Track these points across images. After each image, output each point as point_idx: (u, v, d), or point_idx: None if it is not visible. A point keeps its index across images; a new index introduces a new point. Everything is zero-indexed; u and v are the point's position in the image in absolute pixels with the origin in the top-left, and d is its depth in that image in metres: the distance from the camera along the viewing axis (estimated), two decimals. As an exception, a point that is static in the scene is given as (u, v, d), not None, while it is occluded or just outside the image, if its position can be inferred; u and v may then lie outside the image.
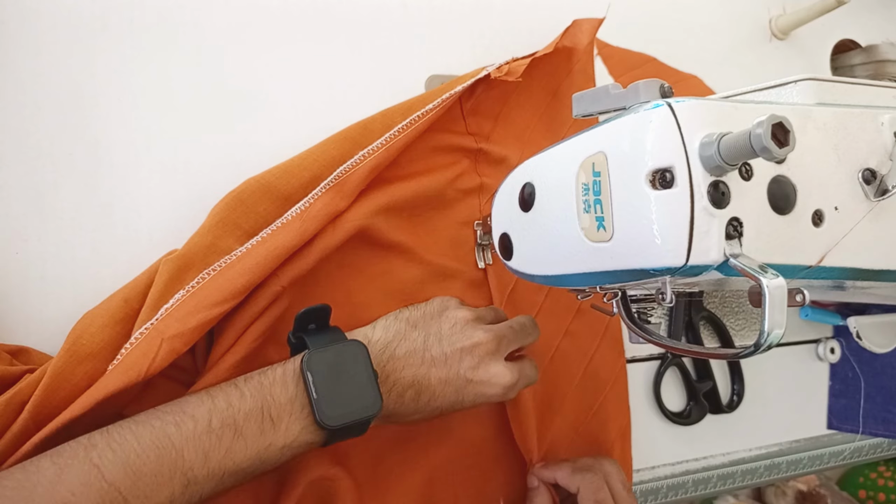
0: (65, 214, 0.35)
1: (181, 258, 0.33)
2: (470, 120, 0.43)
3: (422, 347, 0.34)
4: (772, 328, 0.22)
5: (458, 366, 0.35)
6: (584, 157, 0.28)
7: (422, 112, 0.39)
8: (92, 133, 0.36)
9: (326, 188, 0.36)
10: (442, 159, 0.42)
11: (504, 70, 0.42)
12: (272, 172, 0.36)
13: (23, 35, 0.35)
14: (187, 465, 0.27)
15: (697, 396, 0.50)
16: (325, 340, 0.32)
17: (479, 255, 0.43)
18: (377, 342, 0.34)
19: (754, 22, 0.59)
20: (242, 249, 0.34)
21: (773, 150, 0.21)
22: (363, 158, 0.37)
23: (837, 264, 0.27)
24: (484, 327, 0.36)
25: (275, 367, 0.31)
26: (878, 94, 0.31)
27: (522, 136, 0.45)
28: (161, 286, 0.33)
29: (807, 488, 0.85)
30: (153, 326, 0.32)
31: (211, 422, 0.28)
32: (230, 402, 0.29)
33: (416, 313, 0.36)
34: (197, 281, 0.33)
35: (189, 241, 0.34)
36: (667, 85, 0.27)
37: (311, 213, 0.36)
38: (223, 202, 0.35)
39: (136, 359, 0.30)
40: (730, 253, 0.24)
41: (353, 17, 0.43)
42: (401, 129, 0.38)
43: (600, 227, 0.27)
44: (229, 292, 0.33)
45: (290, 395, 0.30)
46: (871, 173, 0.28)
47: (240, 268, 0.33)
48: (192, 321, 0.32)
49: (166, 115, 0.38)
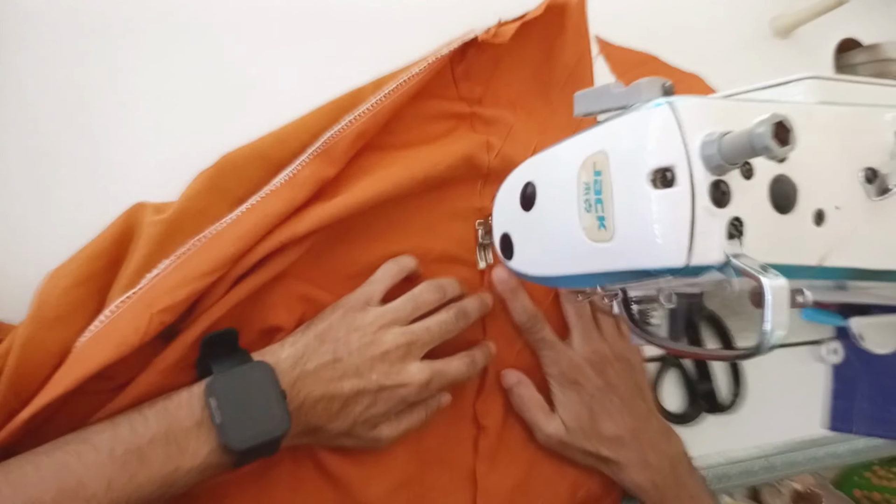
0: (65, 214, 0.35)
1: (170, 223, 0.32)
2: (461, 85, 0.43)
3: (331, 360, 0.34)
4: (773, 329, 0.22)
5: (369, 374, 0.35)
6: (586, 156, 0.28)
7: (408, 76, 0.38)
8: (92, 133, 0.36)
9: (314, 155, 0.36)
10: (436, 127, 0.42)
11: (492, 32, 0.41)
12: (265, 140, 0.36)
13: (23, 34, 0.35)
14: (89, 493, 0.27)
15: (697, 397, 0.50)
16: (229, 364, 0.32)
17: (481, 254, 0.43)
18: (286, 360, 0.34)
19: (756, 21, 0.59)
20: (232, 217, 0.33)
21: (774, 149, 0.21)
22: (350, 124, 0.37)
23: (839, 264, 0.27)
24: (394, 331, 0.36)
25: (180, 392, 0.31)
26: (881, 92, 0.31)
27: (515, 98, 0.45)
28: (146, 250, 0.32)
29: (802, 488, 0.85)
30: (138, 296, 0.31)
31: (113, 449, 0.28)
32: (133, 428, 0.29)
33: (323, 325, 0.36)
34: (187, 248, 0.32)
35: (179, 203, 0.33)
36: (668, 83, 0.27)
37: (299, 181, 0.35)
38: (216, 166, 0.35)
39: (126, 334, 0.30)
40: (731, 253, 0.24)
41: (354, 16, 0.43)
42: (388, 93, 0.38)
43: (601, 227, 0.27)
44: (219, 262, 0.32)
45: (195, 419, 0.30)
46: (873, 172, 0.28)
47: (230, 236, 0.33)
48: (181, 293, 0.31)
49: (167, 115, 0.38)
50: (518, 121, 0.44)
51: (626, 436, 0.42)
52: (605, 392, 0.42)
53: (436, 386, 0.38)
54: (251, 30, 0.40)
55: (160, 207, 0.34)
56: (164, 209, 0.34)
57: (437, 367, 0.37)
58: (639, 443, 0.42)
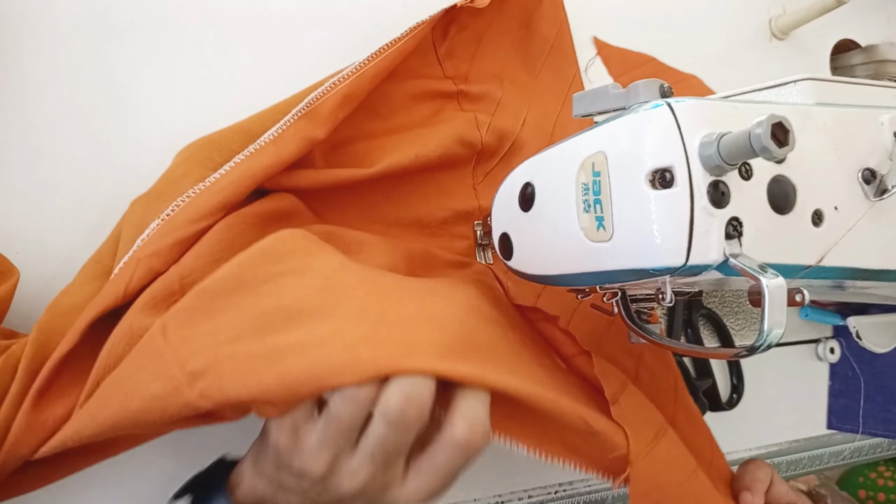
0: (65, 214, 0.35)
1: (151, 192, 0.32)
2: (446, 64, 0.43)
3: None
4: (771, 328, 0.22)
5: None
6: (584, 156, 0.28)
7: (393, 40, 0.38)
8: (92, 133, 0.36)
9: (298, 115, 0.35)
10: (424, 108, 0.42)
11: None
12: (247, 119, 0.36)
13: (23, 34, 0.35)
14: None
15: (697, 394, 0.50)
16: None
17: (480, 255, 0.43)
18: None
19: (754, 22, 0.59)
20: (216, 175, 0.33)
21: (772, 149, 0.21)
22: (334, 85, 0.36)
23: (837, 264, 0.27)
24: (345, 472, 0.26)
25: None
26: (878, 93, 0.31)
27: (500, 71, 0.45)
28: (136, 220, 0.31)
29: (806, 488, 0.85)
30: (132, 256, 0.31)
31: None
32: None
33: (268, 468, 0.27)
34: (172, 208, 0.32)
35: (161, 178, 0.33)
36: (666, 85, 0.27)
37: (284, 139, 0.34)
38: (194, 142, 0.34)
39: (115, 282, 0.30)
40: (729, 253, 0.24)
41: (354, 17, 0.43)
42: (372, 55, 0.38)
43: (600, 227, 0.27)
44: (204, 210, 0.31)
45: None
46: (871, 173, 0.28)
47: (214, 188, 0.32)
48: (168, 239, 0.30)
49: (167, 115, 0.38)
50: (505, 94, 0.45)
51: None
52: None
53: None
54: (252, 30, 0.40)
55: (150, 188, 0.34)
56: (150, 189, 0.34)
57: None
58: None
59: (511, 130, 0.43)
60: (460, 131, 0.41)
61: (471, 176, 0.43)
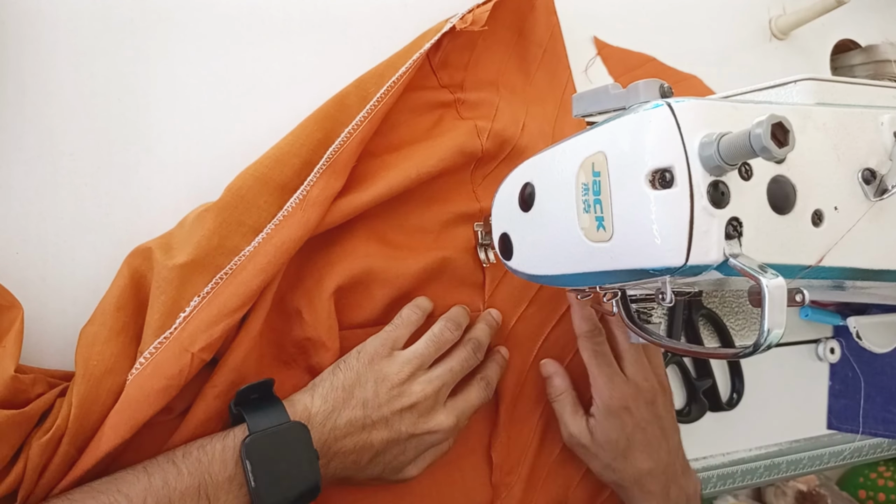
0: (65, 214, 0.35)
1: (189, 265, 0.33)
2: (441, 73, 0.43)
3: (361, 416, 0.34)
4: (771, 328, 0.22)
5: (399, 425, 0.35)
6: (584, 157, 0.28)
7: (395, 78, 0.39)
8: (92, 133, 0.36)
9: (321, 172, 0.36)
10: (423, 119, 0.42)
11: (468, 20, 0.42)
12: (264, 163, 0.36)
13: (23, 35, 0.35)
14: None
15: (697, 395, 0.50)
16: (265, 419, 0.32)
17: (482, 254, 0.43)
18: (317, 415, 0.34)
19: (754, 22, 0.59)
20: (250, 248, 0.34)
21: (772, 149, 0.21)
22: (349, 136, 0.37)
23: (837, 264, 0.27)
24: (421, 381, 0.36)
25: (214, 443, 0.31)
26: (878, 94, 0.31)
27: (495, 78, 0.45)
28: (173, 292, 0.32)
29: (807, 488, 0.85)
30: (175, 337, 0.32)
31: (146, 501, 0.28)
32: (167, 480, 0.29)
33: (350, 375, 0.36)
34: (212, 286, 0.33)
35: (195, 244, 0.34)
36: (666, 85, 0.27)
37: (310, 201, 0.35)
38: (222, 200, 0.35)
39: (171, 375, 0.31)
40: (729, 253, 0.24)
41: (354, 18, 0.43)
42: (380, 97, 0.38)
43: (600, 227, 0.27)
44: (246, 295, 0.33)
45: (228, 475, 0.30)
46: (871, 173, 0.28)
47: (252, 269, 0.34)
48: (216, 331, 0.32)
49: (167, 115, 0.38)
50: (502, 99, 0.45)
51: (657, 469, 0.42)
52: (651, 424, 0.42)
53: (462, 425, 0.39)
54: (252, 31, 0.40)
55: (165, 246, 0.34)
56: (170, 247, 0.34)
57: (460, 406, 0.38)
58: (665, 476, 0.42)
59: (512, 135, 0.44)
60: (461, 142, 0.42)
61: (469, 180, 0.43)
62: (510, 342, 0.43)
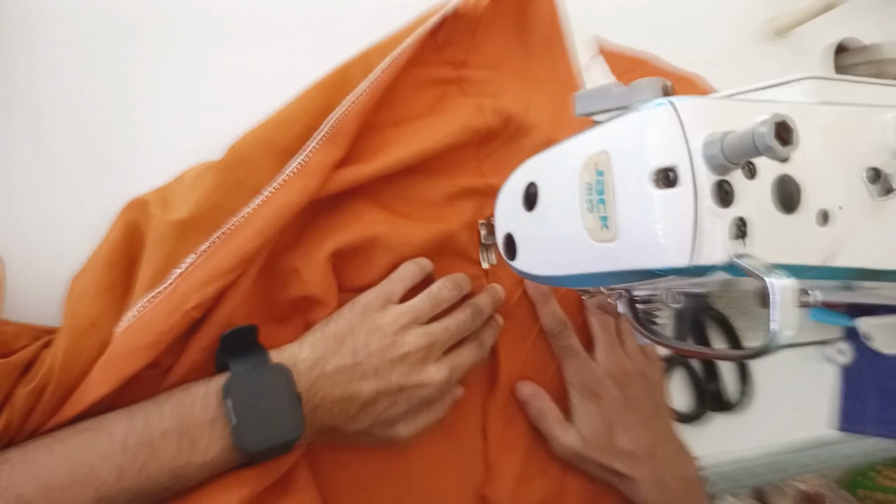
0: (65, 214, 0.35)
1: (188, 221, 0.33)
2: (445, 51, 0.44)
3: (351, 363, 0.34)
4: (780, 330, 0.22)
5: (389, 376, 0.35)
6: (588, 156, 0.28)
7: (399, 50, 0.39)
8: (92, 133, 0.36)
9: (322, 141, 0.36)
10: (426, 95, 0.42)
11: (471, 2, 0.42)
12: (267, 127, 0.36)
13: (23, 35, 0.35)
14: (100, 481, 0.28)
15: (704, 396, 0.50)
16: (248, 363, 0.32)
17: (484, 255, 0.43)
18: (304, 361, 0.34)
19: (754, 21, 0.59)
20: (248, 210, 0.34)
21: (776, 148, 0.21)
22: (351, 105, 0.37)
23: (844, 264, 0.27)
24: (414, 333, 0.36)
25: (198, 386, 0.32)
26: (881, 92, 0.31)
27: (498, 59, 0.46)
28: (169, 248, 0.32)
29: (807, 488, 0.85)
30: (168, 293, 0.32)
31: (126, 440, 0.29)
32: (148, 420, 0.29)
33: (342, 324, 0.35)
34: (208, 245, 0.33)
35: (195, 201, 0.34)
36: (669, 83, 0.27)
37: (310, 168, 0.35)
38: (226, 159, 0.35)
39: (161, 331, 0.31)
40: (735, 253, 0.24)
41: (354, 18, 0.43)
42: (383, 70, 0.38)
43: (604, 227, 0.27)
44: (242, 257, 0.33)
45: (210, 416, 0.30)
46: (876, 172, 0.28)
47: (249, 231, 0.33)
48: (209, 290, 0.32)
49: (167, 115, 0.38)
50: (505, 78, 0.45)
51: (641, 452, 0.42)
52: (625, 407, 0.42)
53: (455, 381, 0.38)
54: (252, 31, 0.40)
55: (162, 200, 0.34)
56: (168, 202, 0.34)
57: (453, 362, 0.38)
58: (654, 461, 0.42)
59: (516, 112, 0.44)
60: (464, 120, 0.42)
61: (475, 156, 0.43)
62: (511, 320, 0.43)
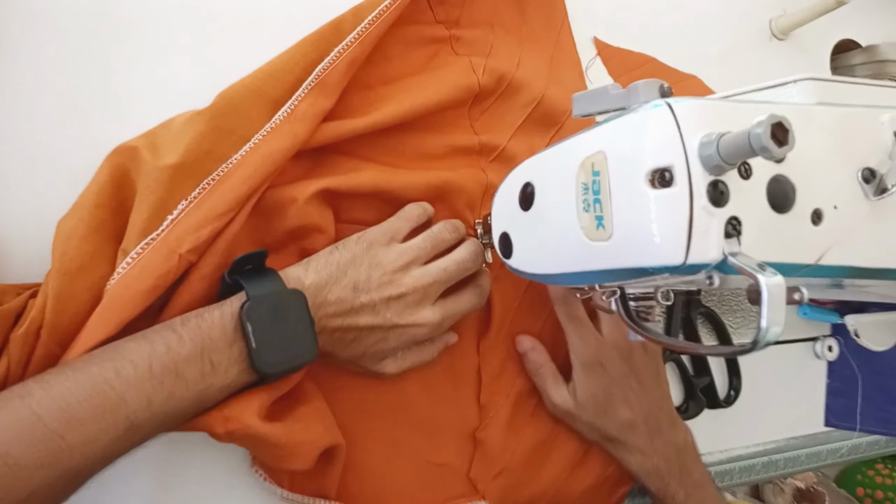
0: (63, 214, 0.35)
1: (179, 167, 0.33)
2: (437, 10, 0.44)
3: (351, 296, 0.35)
4: (769, 326, 0.22)
5: (385, 312, 0.35)
6: (584, 156, 0.28)
7: (389, 2, 0.39)
8: (91, 133, 0.36)
9: (308, 88, 0.36)
10: (417, 53, 0.43)
11: None
12: (258, 77, 0.37)
13: (22, 34, 0.35)
14: (130, 410, 0.28)
15: (695, 392, 0.51)
16: (263, 286, 0.32)
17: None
18: (310, 286, 0.34)
19: (754, 22, 0.59)
20: (238, 156, 0.35)
21: (772, 149, 0.21)
22: (339, 54, 0.37)
23: (836, 263, 0.27)
24: (414, 274, 0.36)
25: (211, 310, 0.31)
26: (879, 93, 0.32)
27: (491, 18, 0.46)
28: (162, 193, 0.32)
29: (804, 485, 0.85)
30: (162, 238, 0.32)
31: (151, 366, 0.28)
32: (169, 346, 0.29)
33: (346, 255, 0.36)
34: (199, 190, 0.33)
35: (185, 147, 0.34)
36: (666, 85, 0.27)
37: (297, 115, 0.36)
38: (215, 106, 0.35)
39: (159, 275, 0.31)
40: (728, 251, 0.24)
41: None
42: (371, 20, 0.38)
43: (600, 226, 0.27)
44: (234, 201, 0.33)
45: (228, 340, 0.31)
46: (871, 172, 0.28)
47: (240, 175, 0.34)
48: (204, 233, 0.32)
49: (166, 114, 0.38)
50: (497, 38, 0.45)
51: (638, 421, 0.43)
52: (627, 377, 0.42)
53: (447, 325, 0.39)
54: (251, 31, 0.40)
55: (151, 146, 0.34)
56: (157, 147, 0.34)
57: (449, 306, 0.38)
58: (648, 428, 0.43)
59: (507, 71, 0.44)
60: (456, 78, 0.42)
61: (467, 115, 0.44)
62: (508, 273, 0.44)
